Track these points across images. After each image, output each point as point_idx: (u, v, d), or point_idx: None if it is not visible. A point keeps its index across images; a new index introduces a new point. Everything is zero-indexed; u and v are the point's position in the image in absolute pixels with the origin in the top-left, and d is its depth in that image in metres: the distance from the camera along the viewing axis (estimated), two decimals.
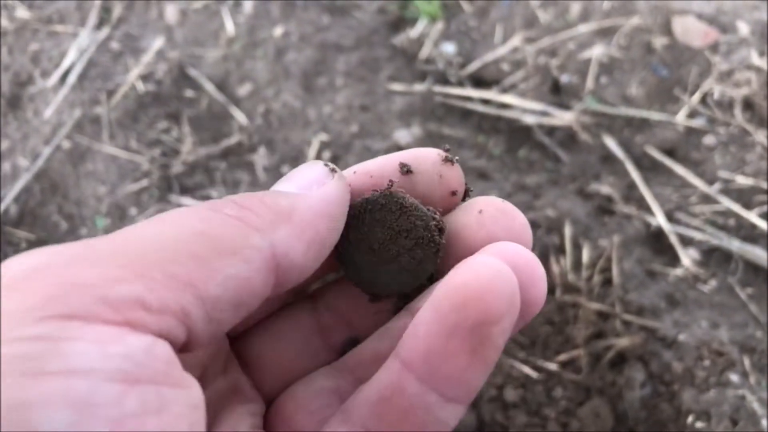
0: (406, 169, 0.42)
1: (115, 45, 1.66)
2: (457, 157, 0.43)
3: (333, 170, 0.40)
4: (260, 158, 1.49)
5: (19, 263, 0.28)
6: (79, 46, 1.65)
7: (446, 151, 0.43)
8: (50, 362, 0.25)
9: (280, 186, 0.39)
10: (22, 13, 1.71)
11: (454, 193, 0.43)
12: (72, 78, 1.59)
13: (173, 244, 0.30)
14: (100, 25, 1.69)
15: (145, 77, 1.59)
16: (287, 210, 0.35)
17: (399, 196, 0.41)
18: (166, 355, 0.28)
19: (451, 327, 0.34)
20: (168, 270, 0.29)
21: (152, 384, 0.27)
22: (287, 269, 0.35)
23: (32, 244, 1.43)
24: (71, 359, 0.25)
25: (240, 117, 1.54)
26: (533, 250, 0.40)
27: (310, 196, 0.37)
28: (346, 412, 0.39)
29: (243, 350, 0.45)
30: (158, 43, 1.65)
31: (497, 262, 0.34)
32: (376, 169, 0.43)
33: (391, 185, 0.42)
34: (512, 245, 0.37)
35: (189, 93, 1.58)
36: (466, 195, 0.44)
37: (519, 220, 0.40)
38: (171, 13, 1.71)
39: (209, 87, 1.58)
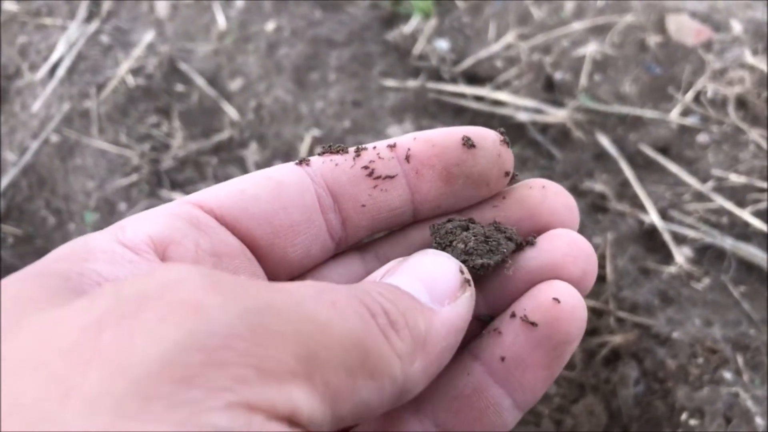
0: (470, 143, 0.44)
1: (104, 38, 1.64)
2: (507, 139, 0.45)
3: (467, 281, 0.39)
4: (251, 154, 1.47)
5: (209, 309, 0.26)
6: (68, 40, 1.63)
7: (502, 134, 0.45)
8: None
9: (410, 280, 0.37)
10: (10, 5, 1.69)
11: (507, 174, 0.45)
12: (61, 71, 1.57)
13: (339, 349, 0.29)
14: (89, 18, 1.67)
15: (135, 71, 1.57)
16: (423, 336, 0.34)
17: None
18: None
19: (539, 340, 0.39)
20: (327, 378, 0.28)
21: None
22: (400, 401, 0.34)
23: (19, 239, 1.41)
24: None
25: (231, 112, 1.52)
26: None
27: (443, 319, 0.36)
28: (416, 404, 0.40)
29: None
30: (149, 36, 1.63)
31: (576, 293, 0.39)
32: (438, 139, 0.44)
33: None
34: (585, 250, 0.42)
35: (179, 87, 1.56)
36: (513, 179, 0.46)
37: (572, 200, 0.45)
38: (162, 6, 1.69)
39: (200, 81, 1.56)
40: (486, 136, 0.44)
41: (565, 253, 0.41)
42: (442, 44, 1.61)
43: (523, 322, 0.40)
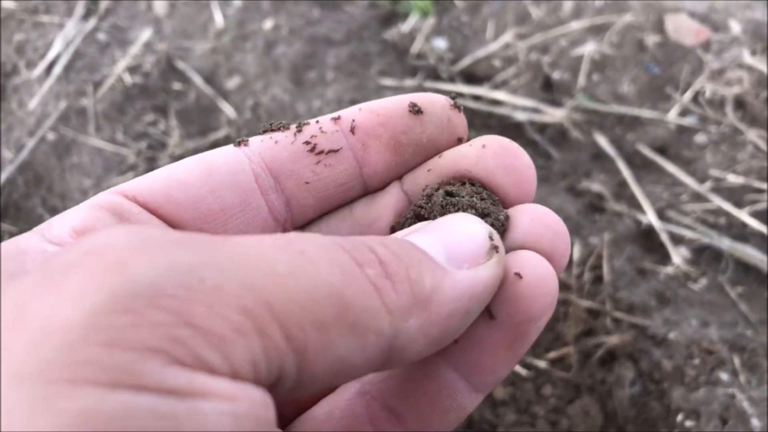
0: (416, 109, 0.42)
1: (102, 36, 1.64)
2: (462, 105, 0.43)
3: (495, 247, 0.34)
4: None
5: (131, 269, 0.25)
6: (65, 37, 1.62)
7: (453, 98, 0.43)
8: (186, 423, 0.23)
9: (429, 238, 0.34)
10: (8, 3, 1.69)
11: (460, 140, 0.43)
12: (58, 69, 1.57)
13: (305, 301, 0.27)
14: (87, 16, 1.67)
15: (132, 69, 1.57)
16: (427, 294, 0.31)
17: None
18: (272, 410, 0.27)
19: (497, 320, 0.35)
20: (290, 332, 0.26)
21: None
22: (394, 361, 0.31)
23: None
24: (208, 421, 0.23)
25: (228, 110, 1.52)
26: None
27: (457, 282, 0.32)
28: (364, 385, 0.39)
29: None
30: (146, 35, 1.63)
31: (543, 264, 0.35)
32: (382, 108, 0.42)
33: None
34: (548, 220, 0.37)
35: (177, 86, 1.56)
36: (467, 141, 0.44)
37: (522, 160, 0.40)
38: (159, 4, 1.69)
39: (197, 80, 1.56)
40: (434, 101, 0.42)
41: (527, 231, 0.38)
42: (440, 43, 1.60)
43: None
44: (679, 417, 1.09)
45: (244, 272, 0.26)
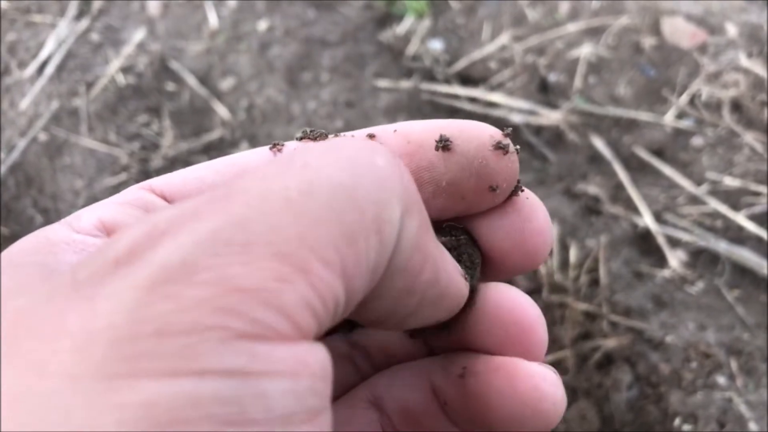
0: (443, 145, 0.34)
1: (95, 36, 1.62)
2: (517, 147, 0.34)
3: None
4: None
5: (158, 257, 0.23)
6: (57, 37, 1.61)
7: (506, 135, 0.34)
8: (252, 408, 0.21)
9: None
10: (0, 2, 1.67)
11: (493, 189, 0.35)
12: (50, 69, 1.55)
13: (327, 216, 0.24)
14: (79, 16, 1.66)
15: (125, 70, 1.56)
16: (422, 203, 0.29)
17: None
18: (330, 381, 0.25)
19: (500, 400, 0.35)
20: (324, 257, 0.24)
21: (328, 410, 0.24)
22: (394, 259, 0.28)
23: (6, 239, 1.39)
24: (273, 403, 0.22)
25: (222, 111, 1.51)
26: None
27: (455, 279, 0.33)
28: (375, 400, 0.40)
29: None
30: (140, 35, 1.62)
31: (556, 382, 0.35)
32: (415, 134, 0.36)
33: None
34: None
35: (170, 86, 1.55)
36: (515, 193, 0.35)
37: (540, 215, 0.37)
38: (153, 5, 1.67)
39: (191, 80, 1.55)
40: (471, 138, 0.35)
41: (505, 336, 0.36)
42: (436, 45, 1.59)
43: (461, 377, 0.36)
44: (677, 421, 1.09)
45: (263, 216, 0.24)
